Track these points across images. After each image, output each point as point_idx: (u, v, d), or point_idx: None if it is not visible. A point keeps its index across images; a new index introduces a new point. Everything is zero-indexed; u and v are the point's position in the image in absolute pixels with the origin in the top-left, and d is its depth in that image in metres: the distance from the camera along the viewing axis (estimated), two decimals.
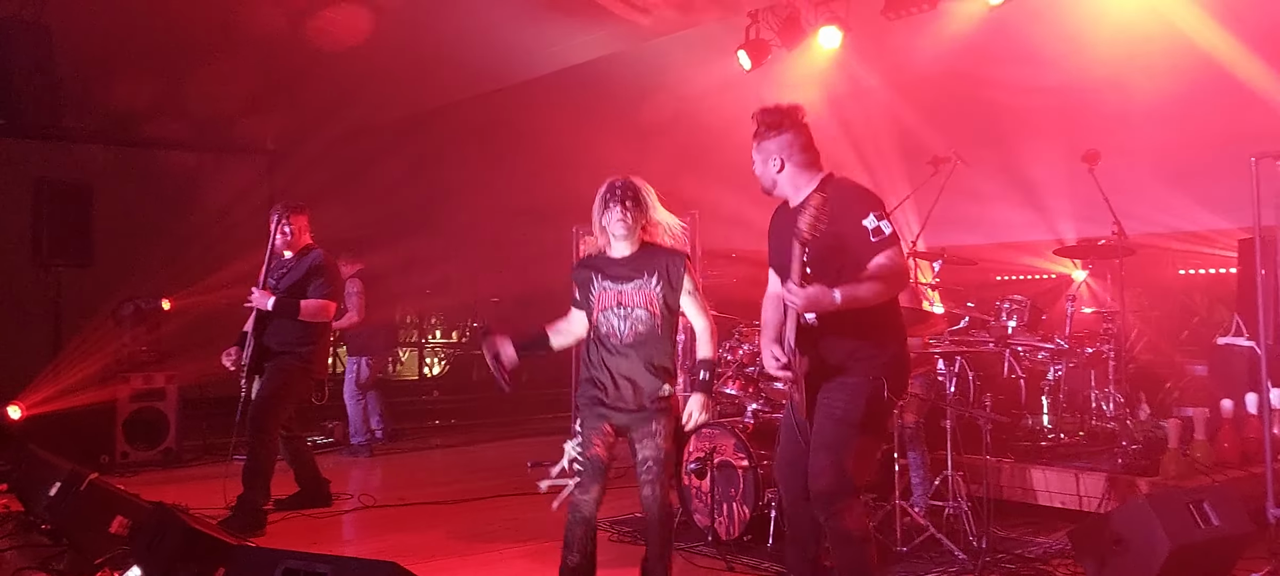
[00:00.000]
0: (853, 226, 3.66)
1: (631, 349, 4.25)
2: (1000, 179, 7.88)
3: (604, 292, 4.32)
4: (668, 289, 4.28)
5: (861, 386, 3.72)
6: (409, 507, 6.73)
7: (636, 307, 4.26)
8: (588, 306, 4.37)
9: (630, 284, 4.28)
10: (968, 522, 5.24)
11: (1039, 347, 6.67)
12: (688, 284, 4.32)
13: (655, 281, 4.27)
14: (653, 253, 4.32)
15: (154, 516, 4.30)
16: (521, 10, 8.23)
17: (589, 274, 4.36)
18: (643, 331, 4.25)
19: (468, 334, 15.74)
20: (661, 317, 4.27)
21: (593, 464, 4.23)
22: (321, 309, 6.23)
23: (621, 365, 4.26)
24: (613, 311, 4.29)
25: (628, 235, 4.27)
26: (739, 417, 5.90)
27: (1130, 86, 7.16)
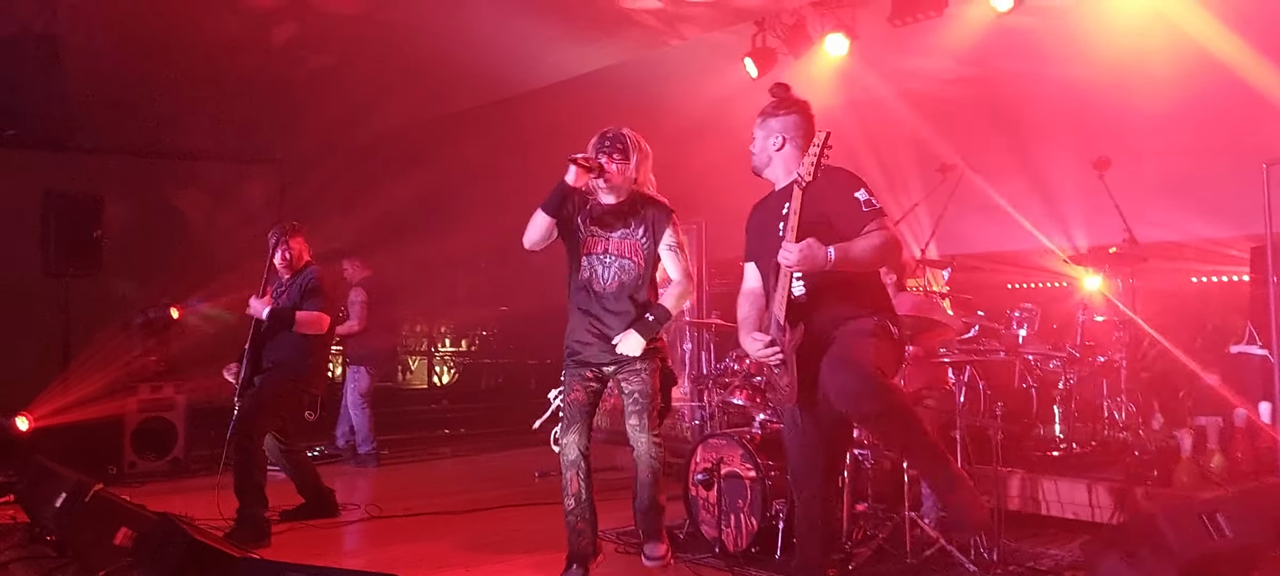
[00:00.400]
0: (842, 201, 3.73)
1: (614, 295, 4.39)
2: (1010, 186, 7.83)
3: (591, 237, 4.42)
4: (652, 241, 4.41)
5: (867, 322, 3.75)
6: (415, 518, 6.71)
7: (622, 256, 4.40)
8: (570, 241, 4.46)
9: (617, 233, 4.41)
10: (978, 534, 5.18)
11: (1050, 356, 6.62)
12: (670, 238, 4.45)
13: (642, 232, 4.41)
14: (642, 204, 4.43)
15: (158, 528, 4.30)
16: (528, 20, 8.21)
17: (578, 213, 4.45)
18: (626, 279, 4.40)
19: (476, 343, 15.74)
20: (645, 266, 4.42)
21: (573, 407, 4.40)
22: (316, 320, 6.22)
23: (603, 312, 4.39)
24: (598, 257, 4.42)
25: (613, 187, 4.39)
26: (747, 428, 5.86)
27: (1141, 93, 7.10)
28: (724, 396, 6.26)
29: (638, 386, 4.35)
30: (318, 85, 9.60)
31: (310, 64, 9.04)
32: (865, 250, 3.65)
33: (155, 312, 8.58)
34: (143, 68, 8.69)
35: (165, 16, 7.71)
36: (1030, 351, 6.58)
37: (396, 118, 11.23)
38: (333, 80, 9.54)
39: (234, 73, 9.06)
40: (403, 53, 8.91)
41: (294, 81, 9.36)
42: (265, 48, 8.64)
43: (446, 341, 16.21)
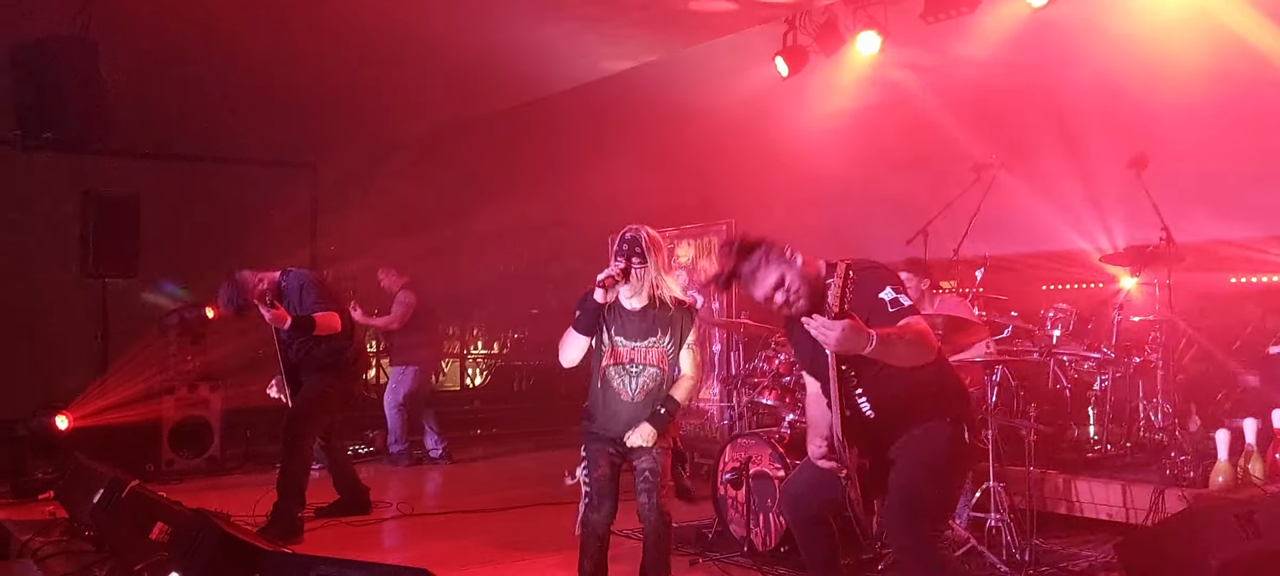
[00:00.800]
0: (870, 304, 3.52)
1: (640, 404, 4.40)
2: (1044, 185, 7.74)
3: (616, 347, 4.41)
4: (676, 345, 4.42)
5: (939, 430, 3.59)
6: (446, 516, 6.75)
7: (649, 365, 4.40)
8: (598, 347, 4.43)
9: (644, 342, 4.40)
10: (1010, 535, 5.13)
11: (1085, 357, 6.54)
12: (691, 338, 4.45)
13: (668, 340, 4.40)
14: (666, 311, 4.40)
15: (192, 523, 4.34)
16: (557, 21, 8.24)
17: (602, 320, 4.40)
18: (651, 387, 4.41)
19: (508, 345, 15.80)
20: (669, 371, 4.43)
21: (600, 484, 4.41)
22: (328, 321, 6.18)
23: (633, 414, 4.39)
24: (624, 368, 4.41)
25: (636, 292, 4.37)
26: (775, 428, 5.84)
27: (1179, 89, 6.99)
28: (753, 396, 6.25)
29: (648, 464, 4.40)
30: (352, 89, 9.68)
31: (345, 68, 9.12)
32: (903, 341, 3.43)
33: (190, 313, 8.69)
34: (179, 71, 8.80)
35: (201, 20, 7.81)
36: (1064, 352, 6.50)
37: (430, 121, 11.31)
38: (367, 84, 9.62)
39: (270, 77, 9.15)
40: (436, 56, 8.96)
41: (329, 85, 9.45)
42: (300, 52, 8.72)
43: (478, 343, 16.28)
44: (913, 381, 3.56)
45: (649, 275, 4.34)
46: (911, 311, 3.55)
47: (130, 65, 7.89)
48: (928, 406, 3.60)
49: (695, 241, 8.33)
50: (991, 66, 7.81)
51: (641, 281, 4.34)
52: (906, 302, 3.56)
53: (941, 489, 3.63)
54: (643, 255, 4.32)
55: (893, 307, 3.54)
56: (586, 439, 4.51)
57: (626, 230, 4.42)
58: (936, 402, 3.62)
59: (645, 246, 4.33)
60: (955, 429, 3.60)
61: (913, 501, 3.54)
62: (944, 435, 3.59)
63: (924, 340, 3.50)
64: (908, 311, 3.54)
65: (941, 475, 3.60)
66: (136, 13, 7.59)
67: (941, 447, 3.58)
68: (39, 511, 6.43)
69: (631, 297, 4.41)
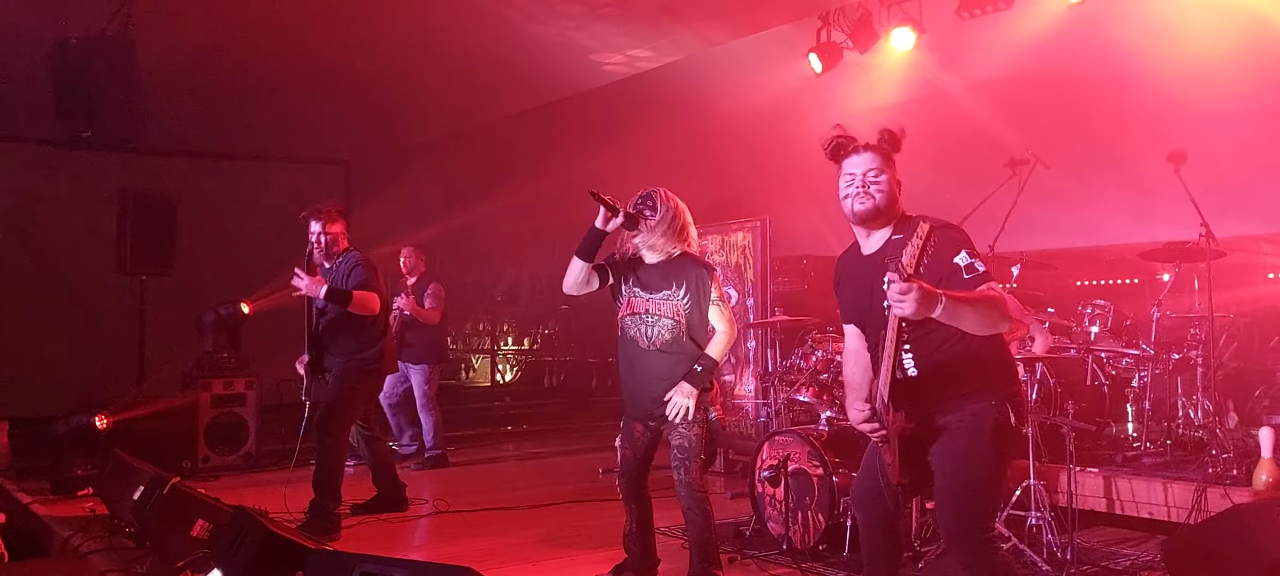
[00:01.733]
0: (943, 267, 3.38)
1: (658, 353, 4.56)
2: (1081, 180, 7.66)
3: (634, 298, 4.62)
4: (695, 301, 4.55)
5: (985, 414, 3.46)
6: (482, 513, 6.77)
7: (662, 316, 4.56)
8: (616, 298, 4.68)
9: (660, 293, 4.57)
10: (1050, 533, 5.09)
11: (1123, 354, 6.48)
12: (714, 294, 4.61)
13: (684, 293, 4.55)
14: (682, 265, 4.58)
15: (234, 520, 4.37)
16: (589, 19, 8.24)
17: (623, 272, 4.66)
18: (667, 338, 4.55)
19: (539, 341, 15.84)
20: (687, 325, 4.55)
21: (624, 466, 4.72)
22: (366, 300, 6.14)
23: (649, 369, 4.57)
24: (640, 318, 4.60)
25: (650, 245, 4.56)
26: (813, 425, 5.82)
27: (1218, 83, 6.90)
28: (790, 393, 6.22)
29: (678, 441, 4.56)
30: (385, 88, 9.72)
31: (378, 67, 9.16)
32: (976, 307, 3.27)
33: (226, 309, 8.74)
34: (215, 71, 8.88)
35: (237, 21, 7.88)
36: (1102, 348, 6.44)
37: (462, 119, 11.35)
38: (400, 83, 9.66)
39: (304, 75, 9.21)
40: (467, 54, 9.00)
41: (362, 84, 9.50)
42: (334, 51, 8.77)
43: (509, 339, 16.33)
44: (964, 347, 3.43)
45: (659, 226, 4.51)
46: (986, 277, 3.39)
47: (168, 65, 7.97)
48: (973, 379, 3.47)
49: (729, 238, 8.31)
50: (1028, 61, 7.74)
51: (652, 236, 4.51)
52: (981, 268, 3.39)
53: (992, 480, 3.53)
54: (653, 208, 4.52)
55: (968, 272, 3.37)
56: (624, 414, 4.77)
57: (645, 189, 4.62)
58: (982, 378, 3.48)
59: (658, 201, 4.55)
60: (1001, 414, 3.46)
61: (966, 497, 3.46)
62: (990, 421, 3.45)
63: (997, 307, 3.34)
64: (983, 277, 3.37)
65: (990, 465, 3.49)
66: (174, 13, 7.66)
67: (988, 437, 3.45)
68: (79, 508, 6.49)
69: (648, 251, 4.59)
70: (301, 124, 10.58)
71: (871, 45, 7.88)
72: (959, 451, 3.47)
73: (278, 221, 11.27)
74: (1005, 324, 3.37)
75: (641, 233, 4.54)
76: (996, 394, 3.49)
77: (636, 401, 4.66)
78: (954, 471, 3.49)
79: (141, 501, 5.18)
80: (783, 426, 6.16)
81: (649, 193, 4.59)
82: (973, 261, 3.39)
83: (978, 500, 3.48)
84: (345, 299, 6.08)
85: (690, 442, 4.51)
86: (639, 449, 4.72)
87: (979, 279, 3.37)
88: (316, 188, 12.09)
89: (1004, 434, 3.49)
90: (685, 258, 4.59)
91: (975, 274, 3.37)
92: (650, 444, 4.74)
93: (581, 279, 4.58)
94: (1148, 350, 6.36)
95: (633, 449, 4.72)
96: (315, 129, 10.90)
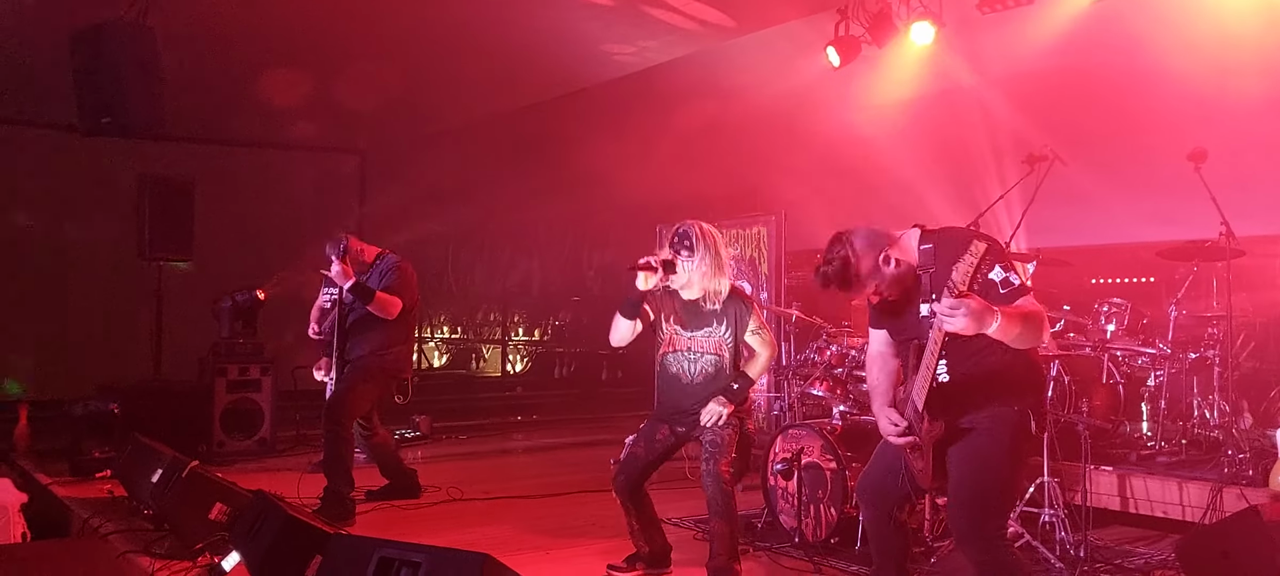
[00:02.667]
0: (980, 283, 3.32)
1: (701, 387, 4.60)
2: (1100, 178, 7.63)
3: (676, 336, 4.64)
4: (736, 334, 4.59)
5: (1006, 417, 3.48)
6: (494, 501, 6.80)
7: (706, 353, 4.60)
8: (657, 333, 4.69)
9: (701, 332, 4.60)
10: (1064, 530, 5.09)
11: (1139, 352, 6.46)
12: (753, 324, 4.62)
13: (725, 328, 4.58)
14: (722, 300, 4.57)
15: (253, 504, 4.40)
16: (606, 12, 8.24)
17: (664, 310, 4.66)
18: (711, 372, 4.60)
19: (550, 332, 15.87)
20: (728, 359, 4.61)
21: (632, 459, 4.75)
22: (391, 302, 6.24)
23: (694, 398, 4.61)
24: (683, 355, 4.63)
25: (690, 285, 4.56)
26: (826, 419, 5.82)
27: (1239, 81, 6.86)
28: (804, 387, 6.23)
29: (710, 437, 4.58)
30: (401, 78, 9.75)
31: (394, 57, 9.18)
32: (1023, 321, 3.27)
33: (242, 296, 8.78)
34: (234, 58, 8.92)
35: (256, 7, 7.91)
36: (1118, 347, 6.42)
37: (476, 109, 11.37)
38: (415, 73, 9.69)
39: (321, 64, 9.24)
40: (481, 46, 9.01)
41: (377, 74, 9.52)
42: (351, 39, 8.80)
43: (520, 330, 16.38)
44: (998, 358, 3.43)
45: (698, 268, 4.48)
46: (1023, 292, 3.39)
47: (187, 52, 8.00)
48: (1001, 388, 3.47)
49: (744, 231, 8.32)
50: (1047, 57, 7.71)
51: (690, 274, 4.50)
52: (1017, 282, 3.40)
53: (1006, 482, 3.56)
54: (691, 248, 4.49)
55: (1004, 288, 3.38)
56: (653, 413, 4.83)
57: (680, 224, 4.57)
58: (1010, 387, 3.49)
59: (696, 239, 4.50)
60: (1022, 419, 3.49)
61: (979, 497, 3.48)
62: (1010, 425, 3.47)
63: (1040, 323, 3.37)
64: (1020, 292, 3.38)
65: (1005, 468, 3.52)
66: (193, 1, 7.69)
67: (1006, 440, 3.47)
68: (98, 490, 6.56)
69: (686, 289, 4.57)
70: (317, 112, 10.63)
71: (890, 39, 7.84)
72: (976, 452, 3.49)
73: (295, 208, 11.38)
74: (1046, 338, 3.43)
75: (680, 275, 4.54)
76: (1021, 400, 3.50)
77: (668, 410, 4.72)
78: (969, 472, 3.50)
79: (160, 484, 5.22)
80: (796, 420, 6.16)
81: (684, 230, 4.54)
82: (1008, 276, 3.40)
83: (990, 502, 3.49)
84: (368, 296, 6.17)
85: (722, 438, 4.56)
86: (654, 450, 4.74)
87: (1016, 293, 3.37)
88: (332, 175, 12.19)
89: (1022, 438, 3.52)
90: (723, 295, 4.58)
91: (1011, 288, 3.38)
92: (668, 450, 4.77)
93: (627, 333, 4.63)
94: (1164, 349, 6.34)
95: (648, 449, 4.74)
96: (332, 117, 10.95)
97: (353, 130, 11.88)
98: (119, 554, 5.04)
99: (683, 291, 4.61)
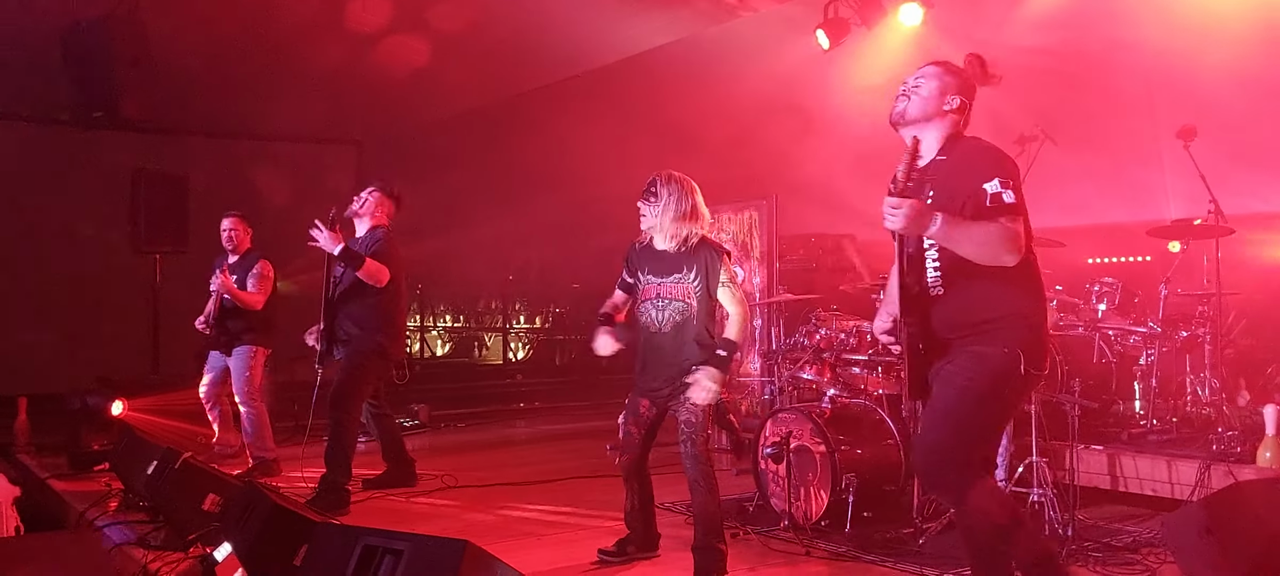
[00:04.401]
0: (971, 187, 3.29)
1: (669, 336, 4.65)
2: (1090, 157, 7.62)
3: (647, 285, 4.74)
4: (705, 283, 4.62)
5: (991, 357, 3.32)
6: (490, 488, 6.84)
7: (674, 299, 4.65)
8: (633, 292, 4.81)
9: (670, 278, 4.67)
10: (1053, 510, 5.11)
11: (1130, 331, 6.45)
12: (723, 276, 4.65)
13: (694, 275, 4.62)
14: (693, 248, 4.64)
15: (243, 494, 4.44)
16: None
17: (636, 263, 4.79)
18: (679, 320, 4.64)
19: (550, 319, 15.91)
20: (698, 306, 4.63)
21: (627, 443, 4.83)
22: (379, 270, 6.19)
23: (662, 349, 4.67)
24: (652, 303, 4.71)
25: (659, 230, 4.65)
26: (816, 403, 5.84)
27: (1228, 58, 6.84)
28: (794, 371, 6.25)
29: (685, 416, 4.62)
30: (395, 67, 9.76)
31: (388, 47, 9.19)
32: (973, 237, 3.21)
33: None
34: (227, 52, 8.92)
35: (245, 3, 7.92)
36: (1110, 326, 6.43)
37: (471, 97, 11.38)
38: (410, 62, 9.70)
39: (314, 55, 9.25)
40: (477, 32, 9.01)
41: (372, 63, 9.53)
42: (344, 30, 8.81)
43: (520, 318, 16.42)
44: (991, 278, 3.30)
45: (664, 213, 4.60)
46: (1010, 210, 3.25)
47: (179, 46, 8.03)
48: (993, 315, 3.33)
49: (735, 216, 8.33)
50: (1036, 36, 7.69)
51: (657, 219, 4.62)
52: (1009, 199, 3.25)
53: (983, 421, 3.39)
54: (656, 194, 4.63)
55: (991, 202, 3.26)
56: (632, 389, 4.86)
57: (654, 174, 4.71)
58: (1003, 317, 3.34)
59: (660, 185, 4.65)
60: (1008, 361, 3.32)
61: (947, 426, 3.32)
62: (991, 368, 3.33)
63: (1000, 243, 3.21)
64: (1006, 209, 3.25)
65: (985, 400, 3.35)
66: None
67: (987, 373, 3.32)
68: (94, 483, 6.61)
69: (657, 236, 4.70)
70: (313, 104, 10.63)
71: (879, 20, 7.86)
72: (951, 392, 3.37)
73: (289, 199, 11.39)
74: (1009, 257, 3.24)
75: (647, 219, 4.65)
76: (1012, 334, 3.36)
77: (645, 378, 4.77)
78: (938, 414, 3.39)
79: (155, 476, 5.28)
80: (786, 404, 6.19)
81: (653, 178, 4.68)
82: (1001, 192, 3.27)
83: (960, 433, 3.35)
84: (358, 262, 6.13)
85: (697, 417, 4.59)
86: (643, 425, 4.80)
87: (1001, 210, 3.26)
88: (328, 167, 12.20)
89: (1006, 381, 3.36)
90: (697, 240, 4.65)
91: (999, 205, 3.26)
92: (655, 420, 4.82)
93: (607, 347, 4.76)
94: (1155, 328, 6.34)
95: (637, 425, 4.81)
96: (327, 108, 10.95)
97: (348, 121, 11.89)
98: (114, 545, 5.08)
99: (655, 240, 4.71)
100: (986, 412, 3.43)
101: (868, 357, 5.83)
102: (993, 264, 3.28)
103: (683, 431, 4.64)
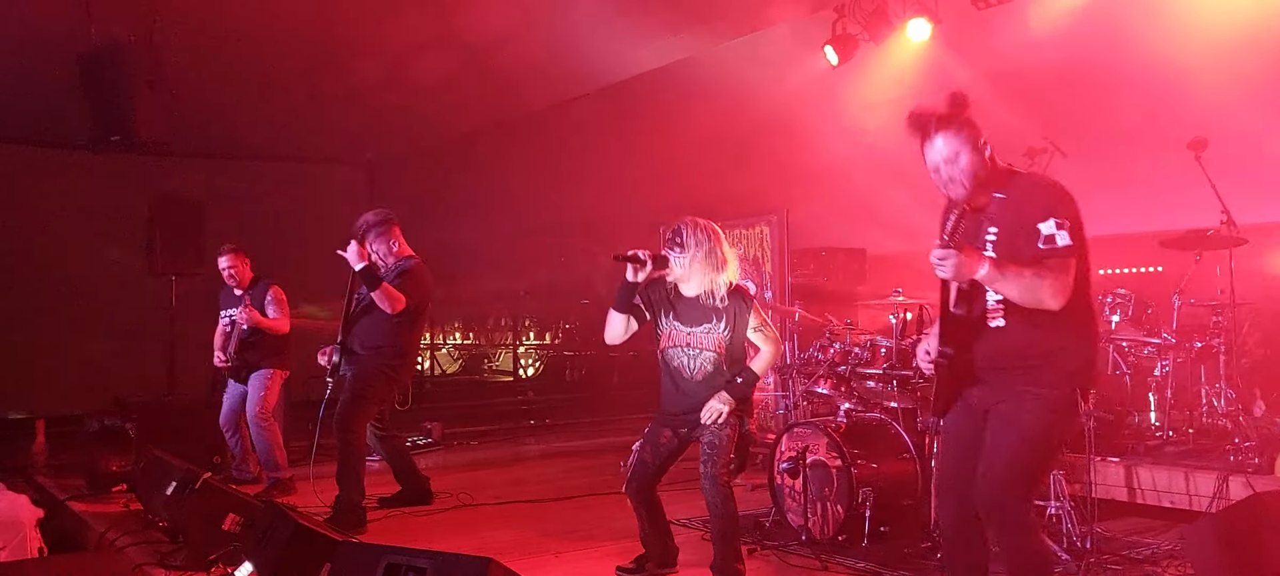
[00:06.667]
0: (1028, 226, 3.32)
1: (701, 383, 4.64)
2: (1101, 169, 7.63)
3: (674, 331, 4.69)
4: (733, 331, 4.62)
5: (1053, 400, 3.40)
6: (505, 505, 6.86)
7: (705, 350, 4.64)
8: (656, 329, 4.75)
9: (700, 328, 4.65)
10: (1070, 522, 5.11)
11: (1145, 342, 6.45)
12: (754, 321, 4.66)
13: (724, 326, 4.61)
14: (720, 297, 4.62)
15: (265, 514, 4.48)
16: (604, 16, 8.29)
17: (662, 305, 4.72)
18: (711, 370, 4.64)
19: (560, 335, 15.95)
20: (727, 356, 4.63)
21: (639, 470, 4.78)
22: (394, 298, 6.21)
23: (694, 395, 4.65)
24: (683, 350, 4.68)
25: (686, 279, 4.63)
26: (831, 417, 5.86)
27: (1238, 69, 6.86)
28: (808, 386, 6.26)
29: (708, 438, 4.62)
30: (406, 88, 9.82)
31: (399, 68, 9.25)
32: (1021, 281, 3.24)
33: None
34: (240, 74, 9.00)
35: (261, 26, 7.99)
36: (1123, 338, 6.43)
37: (480, 117, 11.44)
38: (420, 83, 9.76)
39: (327, 80, 9.32)
40: (485, 54, 9.06)
41: (384, 85, 9.60)
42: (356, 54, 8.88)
43: (531, 334, 16.46)
44: (1050, 317, 3.32)
45: (691, 263, 4.55)
46: (1062, 253, 3.26)
47: (194, 71, 8.10)
48: (1052, 353, 3.37)
49: (747, 231, 8.35)
50: (1044, 49, 7.72)
51: (684, 269, 4.57)
52: (1063, 243, 3.27)
53: (1043, 459, 3.54)
54: (682, 244, 4.56)
55: (1044, 243, 3.28)
56: (655, 417, 4.84)
57: (678, 220, 4.65)
58: (1055, 352, 3.38)
59: (687, 234, 4.58)
60: (1068, 401, 3.41)
61: (1014, 470, 3.39)
62: (1059, 403, 3.40)
63: (1044, 289, 3.24)
64: (1059, 253, 3.26)
65: (1045, 446, 3.48)
66: (200, 20, 7.79)
67: (1049, 419, 3.40)
68: (114, 504, 6.65)
69: (684, 284, 4.66)
70: (324, 125, 10.71)
71: (887, 36, 7.89)
72: (1017, 427, 3.41)
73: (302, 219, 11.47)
74: (1052, 301, 3.27)
75: (673, 270, 4.62)
76: (1065, 372, 3.41)
77: (672, 408, 4.76)
78: (1007, 445, 3.42)
79: (174, 496, 5.30)
80: (801, 418, 6.20)
81: (678, 226, 4.63)
82: (1056, 233, 3.29)
83: (1026, 471, 3.44)
84: (375, 282, 6.17)
85: (721, 440, 4.59)
86: (660, 454, 4.78)
87: (1054, 253, 3.28)
88: (340, 188, 12.27)
89: (1067, 418, 3.49)
90: (722, 291, 4.63)
91: (1052, 247, 3.29)
92: (673, 452, 4.81)
93: (621, 330, 4.71)
94: (1169, 338, 6.34)
95: (654, 453, 4.78)
96: (339, 130, 11.03)
97: (360, 143, 11.95)
98: (135, 566, 5.11)
99: (682, 287, 4.68)
100: (1046, 453, 3.59)
101: (882, 371, 5.85)
102: (1032, 305, 3.33)
103: (705, 452, 4.64)
